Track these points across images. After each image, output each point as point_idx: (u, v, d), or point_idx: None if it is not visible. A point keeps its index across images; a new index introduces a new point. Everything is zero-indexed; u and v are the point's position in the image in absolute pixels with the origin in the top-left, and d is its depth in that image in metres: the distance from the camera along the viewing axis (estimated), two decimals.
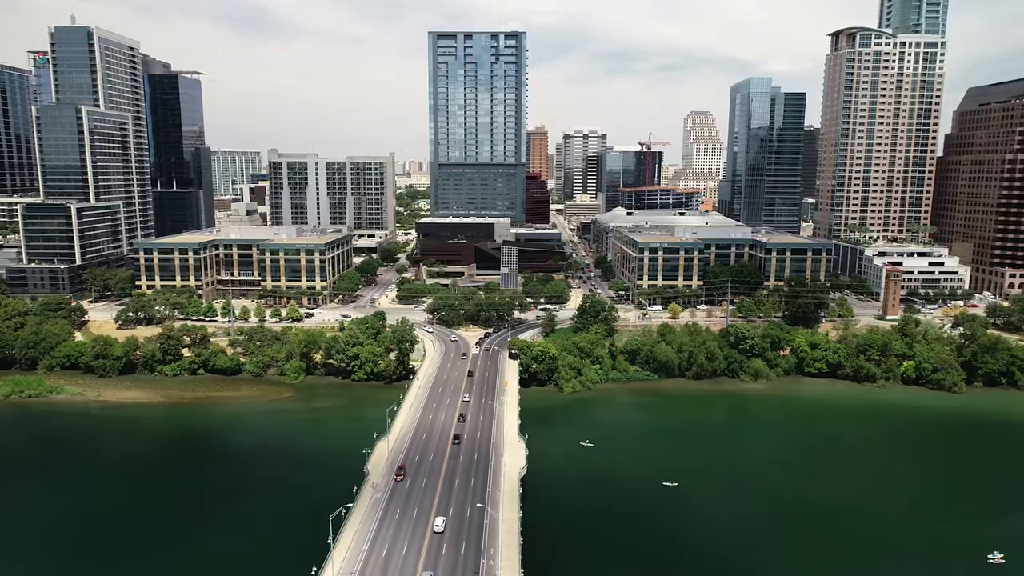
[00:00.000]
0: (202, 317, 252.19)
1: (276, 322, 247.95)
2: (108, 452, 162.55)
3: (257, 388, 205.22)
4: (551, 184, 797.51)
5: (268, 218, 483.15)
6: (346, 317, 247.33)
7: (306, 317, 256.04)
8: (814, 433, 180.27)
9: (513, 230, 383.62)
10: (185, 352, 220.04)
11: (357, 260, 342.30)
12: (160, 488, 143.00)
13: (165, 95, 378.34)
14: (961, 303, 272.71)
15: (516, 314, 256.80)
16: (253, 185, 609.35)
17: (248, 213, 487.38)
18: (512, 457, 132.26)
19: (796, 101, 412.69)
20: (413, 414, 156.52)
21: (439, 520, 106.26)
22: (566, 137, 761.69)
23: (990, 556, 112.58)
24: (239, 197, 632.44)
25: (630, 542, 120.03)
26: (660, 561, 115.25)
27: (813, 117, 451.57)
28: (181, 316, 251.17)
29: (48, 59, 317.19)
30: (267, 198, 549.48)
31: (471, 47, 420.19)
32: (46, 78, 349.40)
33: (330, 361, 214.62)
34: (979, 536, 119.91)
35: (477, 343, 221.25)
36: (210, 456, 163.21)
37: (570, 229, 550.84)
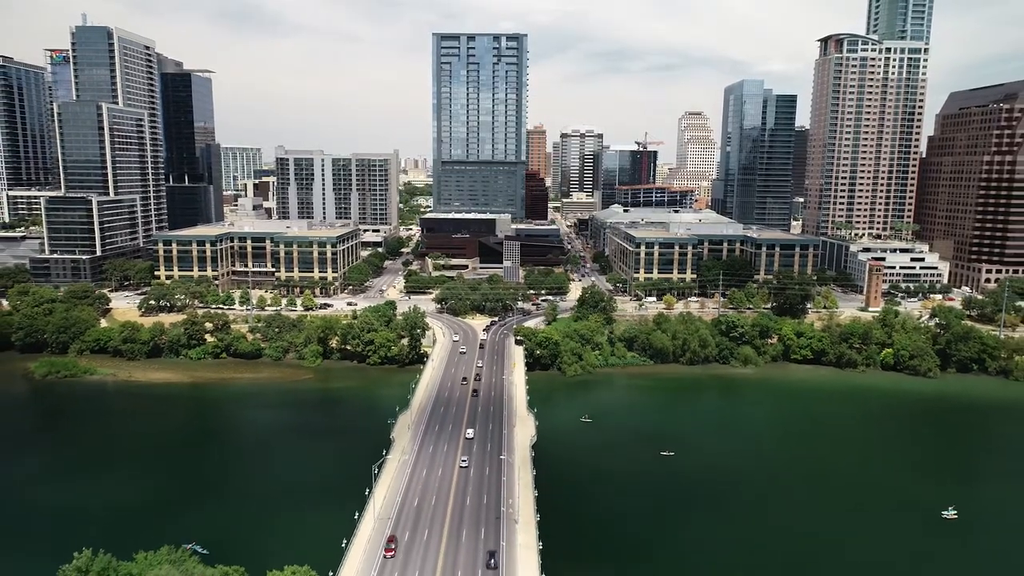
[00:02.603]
0: (220, 305, 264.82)
1: (291, 310, 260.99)
2: (145, 424, 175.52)
3: (278, 370, 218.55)
4: (548, 182, 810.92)
5: (274, 213, 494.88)
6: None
7: (348, 305, 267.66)
8: (799, 413, 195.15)
9: (513, 226, 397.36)
10: (208, 337, 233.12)
11: (364, 253, 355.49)
12: (199, 453, 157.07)
13: (178, 92, 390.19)
14: (939, 296, 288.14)
15: (519, 304, 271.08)
16: (257, 181, 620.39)
17: (254, 208, 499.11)
18: (523, 427, 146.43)
19: (787, 103, 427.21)
20: (430, 390, 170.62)
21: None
22: (563, 136, 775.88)
23: (944, 512, 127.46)
24: (240, 192, 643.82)
25: (631, 498, 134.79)
26: (659, 516, 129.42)
27: (806, 118, 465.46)
28: (200, 304, 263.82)
29: (69, 57, 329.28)
30: (271, 193, 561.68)
31: (474, 48, 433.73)
32: (62, 75, 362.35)
33: (345, 346, 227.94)
34: (939, 497, 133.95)
35: (484, 330, 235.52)
36: (241, 428, 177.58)
37: (567, 226, 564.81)
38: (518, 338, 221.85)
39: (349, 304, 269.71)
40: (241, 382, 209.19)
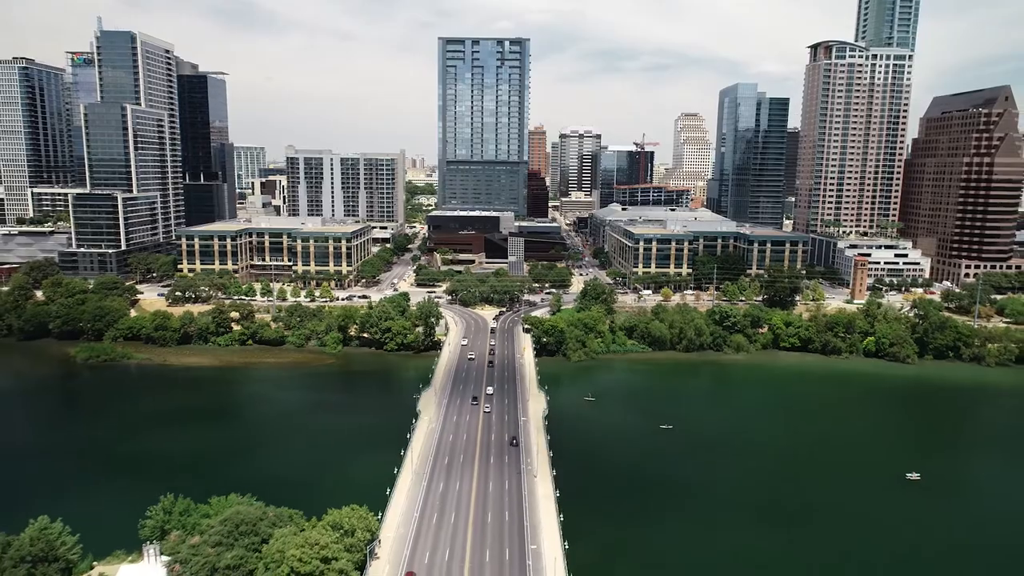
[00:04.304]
0: (242, 297, 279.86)
1: (310, 301, 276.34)
2: (186, 399, 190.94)
3: (301, 356, 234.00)
4: (547, 181, 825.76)
5: (282, 210, 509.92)
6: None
7: (398, 292, 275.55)
8: (786, 394, 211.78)
9: (516, 223, 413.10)
10: (234, 326, 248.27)
11: (373, 249, 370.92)
12: (238, 423, 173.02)
13: (194, 94, 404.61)
14: (920, 290, 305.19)
15: (525, 296, 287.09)
16: (264, 180, 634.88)
17: (264, 205, 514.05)
18: (535, 402, 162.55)
19: (780, 106, 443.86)
20: (449, 370, 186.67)
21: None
22: (562, 136, 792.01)
23: (908, 474, 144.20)
24: (246, 190, 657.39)
25: (634, 461, 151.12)
26: (659, 474, 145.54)
27: (799, 120, 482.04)
28: (223, 296, 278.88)
29: (91, 59, 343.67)
30: (278, 191, 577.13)
31: (478, 52, 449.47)
32: (83, 77, 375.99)
33: (364, 334, 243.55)
34: (907, 464, 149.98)
35: (494, 319, 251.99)
36: (275, 403, 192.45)
37: (566, 224, 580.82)
38: (526, 326, 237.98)
39: (402, 293, 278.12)
40: (268, 366, 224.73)
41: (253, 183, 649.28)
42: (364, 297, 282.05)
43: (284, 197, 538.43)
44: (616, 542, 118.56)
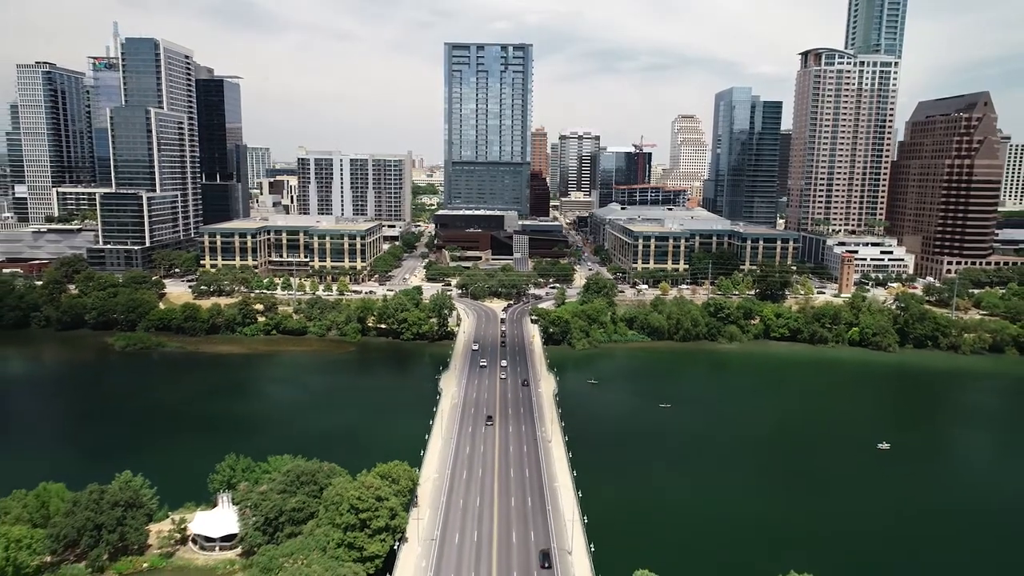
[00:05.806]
0: (264, 291, 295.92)
1: (328, 295, 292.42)
2: (222, 380, 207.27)
3: (323, 344, 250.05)
4: (547, 181, 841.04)
5: (290, 209, 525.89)
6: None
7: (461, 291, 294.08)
8: (775, 379, 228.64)
9: (520, 222, 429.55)
10: (259, 317, 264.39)
11: (385, 247, 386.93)
12: (272, 399, 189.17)
13: (210, 97, 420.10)
14: (897, 284, 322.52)
15: (531, 291, 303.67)
16: (272, 180, 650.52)
17: (274, 205, 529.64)
18: (546, 383, 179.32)
19: (774, 109, 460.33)
20: (465, 356, 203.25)
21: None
22: (562, 137, 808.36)
23: (879, 444, 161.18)
24: (253, 189, 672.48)
25: (636, 433, 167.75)
26: (659, 445, 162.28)
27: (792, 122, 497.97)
28: (246, 290, 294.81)
29: (114, 65, 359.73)
30: (286, 190, 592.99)
31: (482, 57, 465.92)
32: (105, 81, 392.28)
33: (381, 324, 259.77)
34: (880, 437, 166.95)
35: (503, 310, 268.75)
36: (305, 384, 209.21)
37: (566, 223, 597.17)
38: (533, 317, 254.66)
39: (415, 287, 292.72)
40: (294, 353, 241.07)
41: (261, 183, 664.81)
42: (404, 288, 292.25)
43: (292, 197, 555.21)
44: (622, 493, 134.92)
